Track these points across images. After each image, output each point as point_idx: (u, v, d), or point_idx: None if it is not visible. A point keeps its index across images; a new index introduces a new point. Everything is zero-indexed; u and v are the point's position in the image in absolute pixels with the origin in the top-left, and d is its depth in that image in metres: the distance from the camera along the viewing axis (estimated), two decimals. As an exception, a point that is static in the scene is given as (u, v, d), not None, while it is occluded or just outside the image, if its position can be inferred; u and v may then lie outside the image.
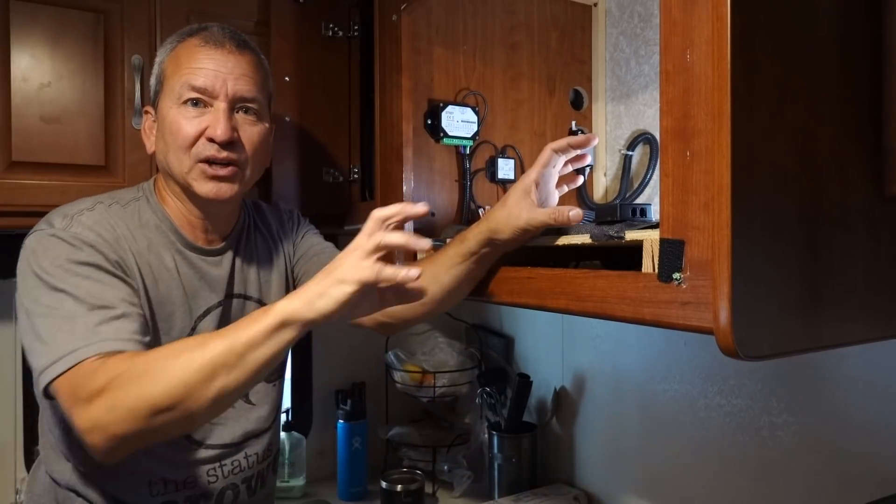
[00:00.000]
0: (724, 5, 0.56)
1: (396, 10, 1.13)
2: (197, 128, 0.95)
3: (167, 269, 0.99)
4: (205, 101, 0.95)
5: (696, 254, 0.60)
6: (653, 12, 1.18)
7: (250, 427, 1.08)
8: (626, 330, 1.35)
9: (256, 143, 0.99)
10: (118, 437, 0.74)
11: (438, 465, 1.67)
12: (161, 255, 0.98)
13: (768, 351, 0.59)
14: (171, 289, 0.98)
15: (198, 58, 0.96)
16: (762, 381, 1.09)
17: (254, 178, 1.03)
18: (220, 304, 1.04)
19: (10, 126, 1.16)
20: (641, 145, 1.21)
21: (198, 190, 0.96)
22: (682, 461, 1.24)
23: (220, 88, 0.95)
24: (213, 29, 0.99)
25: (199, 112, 0.95)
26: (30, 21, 1.18)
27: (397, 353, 1.77)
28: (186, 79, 0.95)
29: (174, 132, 0.95)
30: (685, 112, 0.61)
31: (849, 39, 0.66)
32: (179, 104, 0.95)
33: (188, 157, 0.95)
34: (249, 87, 0.98)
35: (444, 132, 1.14)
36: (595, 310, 0.73)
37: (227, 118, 0.95)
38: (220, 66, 0.96)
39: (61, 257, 0.87)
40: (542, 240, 0.87)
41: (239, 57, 0.98)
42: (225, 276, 1.05)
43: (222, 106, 0.95)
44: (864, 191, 0.67)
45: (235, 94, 0.96)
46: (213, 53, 0.96)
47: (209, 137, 0.94)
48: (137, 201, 1.01)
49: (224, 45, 0.97)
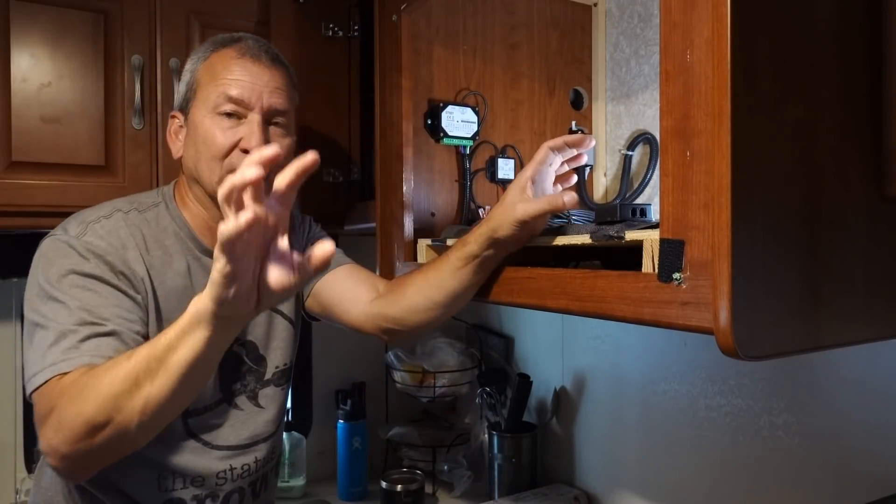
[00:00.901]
0: (724, 5, 0.56)
1: (396, 10, 1.13)
2: (232, 139, 0.96)
3: (181, 277, 0.99)
4: (239, 112, 0.96)
5: (696, 254, 0.60)
6: (653, 12, 1.18)
7: (258, 430, 1.08)
8: (626, 330, 1.35)
9: (286, 155, 0.98)
10: (67, 458, 0.74)
11: (438, 465, 1.68)
12: (176, 263, 0.99)
13: (768, 351, 0.59)
14: (184, 299, 0.97)
15: (234, 69, 0.97)
16: (762, 381, 1.09)
17: None
18: None
19: (10, 126, 1.16)
20: (641, 145, 1.21)
21: None
22: (682, 461, 1.24)
23: (256, 101, 0.96)
24: (248, 41, 1.01)
25: (233, 123, 0.96)
26: (30, 21, 1.18)
27: (397, 353, 1.77)
28: (224, 89, 0.96)
29: (208, 142, 0.96)
30: (685, 112, 0.61)
31: (849, 39, 0.66)
32: (214, 114, 0.96)
33: (220, 168, 0.96)
34: (282, 100, 1.00)
35: (444, 132, 1.14)
36: (595, 310, 0.73)
37: (261, 130, 0.96)
38: (257, 78, 0.97)
39: (66, 266, 0.88)
40: (543, 240, 0.87)
41: (274, 71, 0.99)
42: None
43: (257, 118, 0.96)
44: (864, 191, 0.67)
45: (270, 107, 0.98)
46: (251, 66, 0.98)
47: (244, 149, 0.95)
48: (157, 207, 1.02)
49: (261, 58, 0.99)
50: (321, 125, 1.44)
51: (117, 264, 0.92)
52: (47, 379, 0.79)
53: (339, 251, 1.18)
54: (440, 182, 1.18)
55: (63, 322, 0.84)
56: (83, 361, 0.80)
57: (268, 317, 1.11)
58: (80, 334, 0.83)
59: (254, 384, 1.09)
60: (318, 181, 1.44)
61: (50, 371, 0.80)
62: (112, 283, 0.90)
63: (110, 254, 0.92)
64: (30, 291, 0.90)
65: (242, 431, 1.06)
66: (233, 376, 1.06)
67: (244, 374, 1.08)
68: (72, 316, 0.84)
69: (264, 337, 1.10)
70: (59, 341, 0.82)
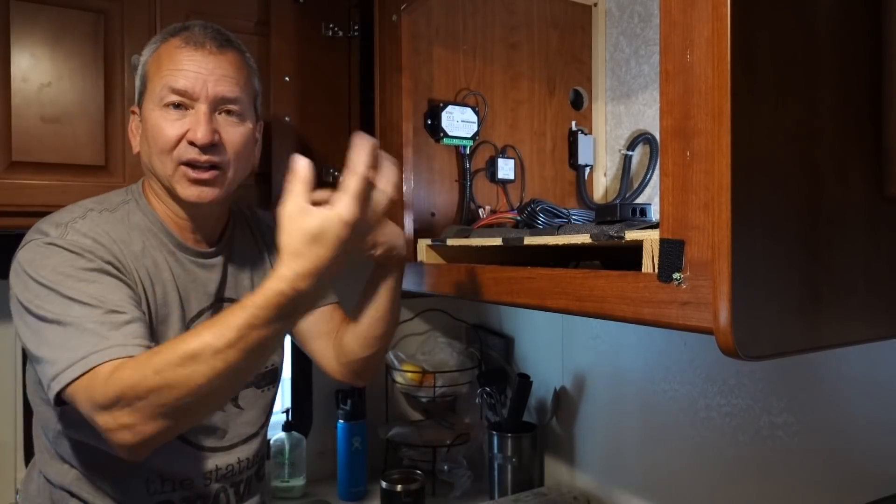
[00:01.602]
0: (724, 5, 0.56)
1: (396, 10, 1.13)
2: (178, 130, 0.94)
3: (162, 270, 0.98)
4: (186, 103, 0.94)
5: (696, 254, 0.60)
6: (653, 12, 1.18)
7: (237, 431, 1.08)
8: (626, 330, 1.35)
9: (239, 144, 0.98)
10: (148, 435, 0.76)
11: (438, 465, 1.67)
12: (155, 257, 0.98)
13: (768, 351, 0.59)
14: (168, 291, 0.98)
15: (178, 59, 0.95)
16: (762, 381, 1.09)
17: (238, 179, 1.01)
18: (212, 307, 1.04)
19: (10, 126, 1.16)
20: (641, 145, 1.21)
21: (181, 193, 0.95)
22: (681, 461, 1.24)
23: (201, 90, 0.94)
24: (194, 29, 0.98)
25: (180, 115, 0.94)
26: (30, 21, 1.18)
27: (397, 353, 1.77)
28: (167, 81, 0.94)
29: (156, 135, 0.95)
30: (685, 112, 0.61)
31: (849, 39, 0.66)
32: (161, 107, 0.95)
33: (170, 161, 0.95)
34: (231, 87, 0.97)
35: (444, 132, 1.14)
36: (595, 310, 0.73)
37: (207, 120, 0.94)
38: (201, 67, 0.95)
39: (64, 264, 0.87)
40: (543, 240, 0.87)
41: (220, 57, 0.97)
42: (216, 280, 1.05)
43: (203, 108, 0.94)
44: (864, 191, 0.67)
45: (216, 96, 0.95)
46: (194, 55, 0.95)
47: (190, 140, 0.93)
48: (126, 204, 1.01)
49: (205, 45, 0.96)
50: (321, 125, 1.43)
51: (109, 258, 0.91)
52: (83, 372, 0.78)
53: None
54: (440, 182, 1.18)
55: (79, 315, 0.83)
56: (116, 352, 0.80)
57: None
58: (103, 324, 0.82)
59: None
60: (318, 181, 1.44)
61: (84, 364, 0.79)
62: (113, 273, 0.89)
63: (99, 249, 0.90)
64: (27, 295, 0.86)
65: (222, 431, 1.05)
66: None
67: None
68: (87, 307, 0.83)
69: None
70: (82, 335, 0.81)
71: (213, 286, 1.04)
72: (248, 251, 1.11)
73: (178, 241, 1.01)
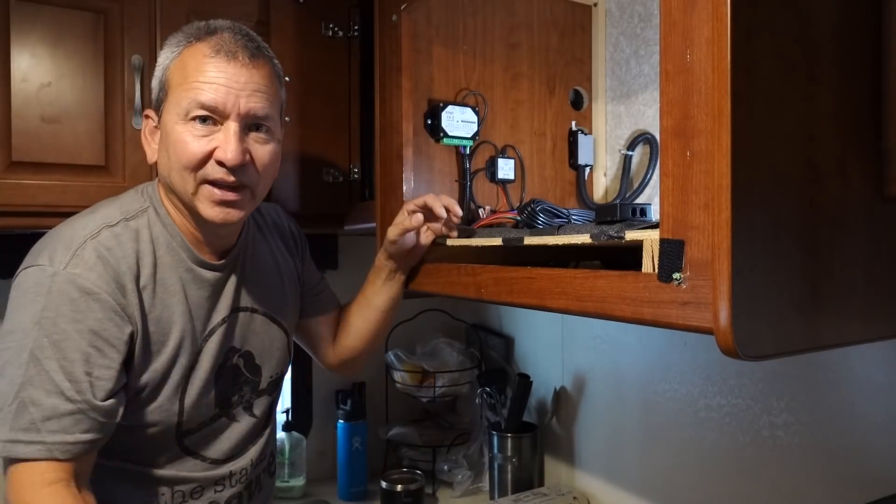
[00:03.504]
0: (724, 5, 0.56)
1: (396, 10, 1.13)
2: (205, 148, 0.87)
3: (172, 294, 0.94)
4: (214, 118, 0.88)
5: (696, 254, 0.60)
6: (653, 12, 1.18)
7: (250, 436, 1.07)
8: (626, 330, 1.35)
9: (268, 163, 0.93)
10: None
11: (438, 465, 1.68)
12: (167, 278, 0.94)
13: (769, 351, 0.59)
14: (175, 314, 0.94)
15: (206, 70, 0.87)
16: (762, 381, 1.09)
17: (263, 196, 0.98)
18: (225, 320, 1.02)
19: (10, 126, 1.16)
20: (641, 145, 1.21)
21: (203, 213, 0.90)
22: (682, 461, 1.24)
23: (232, 107, 0.87)
24: (224, 34, 0.90)
25: (207, 130, 0.88)
26: (30, 21, 1.18)
27: (397, 353, 1.77)
28: (194, 95, 0.86)
29: (179, 151, 0.88)
30: (685, 112, 0.61)
31: (849, 39, 0.66)
32: (186, 120, 0.87)
33: (193, 179, 0.88)
34: (263, 103, 0.90)
35: (444, 132, 1.14)
36: (595, 310, 0.73)
37: (238, 140, 0.87)
38: (232, 81, 0.87)
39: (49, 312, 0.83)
40: (543, 240, 0.87)
41: (252, 70, 0.89)
42: (231, 291, 1.02)
43: (234, 126, 0.87)
44: (864, 191, 0.67)
45: (248, 113, 0.88)
46: (225, 66, 0.87)
47: (218, 160, 0.87)
48: (145, 213, 0.95)
49: (237, 56, 0.88)
50: (321, 125, 1.44)
51: (107, 299, 0.86)
52: (17, 458, 0.81)
53: (328, 286, 1.26)
54: (440, 182, 1.18)
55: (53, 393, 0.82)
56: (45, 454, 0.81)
57: (265, 326, 1.09)
58: (75, 419, 0.82)
59: (249, 395, 1.07)
60: (318, 181, 1.44)
61: (8, 448, 0.81)
62: (98, 330, 0.85)
63: (100, 287, 0.85)
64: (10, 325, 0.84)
65: (237, 441, 1.05)
66: (231, 389, 1.04)
67: (241, 386, 1.05)
68: (60, 391, 0.82)
69: (261, 347, 1.08)
70: (49, 419, 0.82)
71: (228, 298, 1.02)
72: (259, 257, 1.10)
73: (195, 257, 0.97)
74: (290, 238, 1.20)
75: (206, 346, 0.99)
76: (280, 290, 1.12)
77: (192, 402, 0.97)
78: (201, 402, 0.98)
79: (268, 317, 1.09)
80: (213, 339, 1.00)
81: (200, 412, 0.99)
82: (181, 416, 0.96)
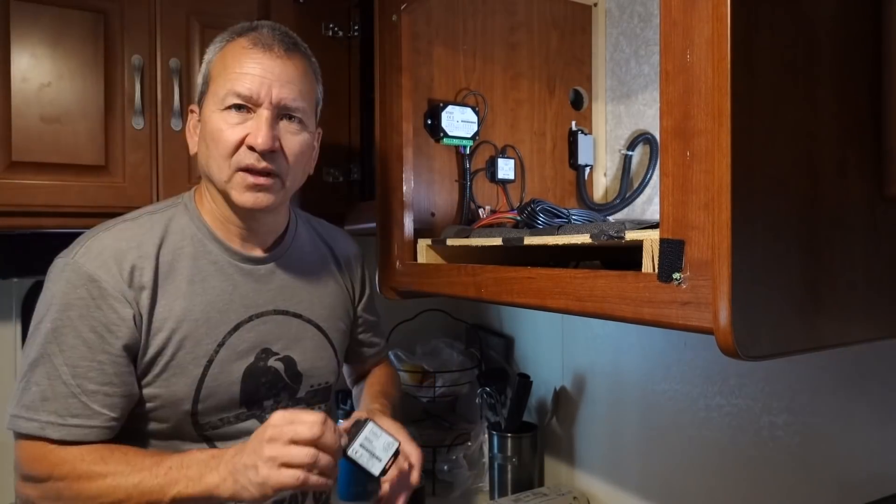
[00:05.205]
0: (724, 5, 0.56)
1: (396, 10, 1.13)
2: (239, 135, 0.91)
3: (191, 283, 0.95)
4: (248, 107, 0.92)
5: (696, 254, 0.60)
6: (653, 12, 1.18)
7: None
8: (626, 330, 1.35)
9: (298, 152, 0.95)
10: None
11: (438, 465, 1.68)
12: (185, 267, 0.96)
13: (768, 351, 0.59)
14: (188, 303, 0.95)
15: (244, 61, 0.92)
16: (762, 381, 1.09)
17: (294, 187, 1.00)
18: (257, 317, 1.01)
19: (10, 126, 1.16)
20: (641, 145, 1.21)
21: (236, 199, 0.93)
22: (682, 461, 1.24)
23: (265, 96, 0.91)
24: (263, 30, 0.95)
25: (241, 118, 0.92)
26: (30, 21, 1.18)
27: (397, 353, 1.77)
28: (231, 84, 0.91)
29: (216, 139, 0.92)
30: (685, 112, 0.61)
31: (849, 39, 0.66)
32: (222, 109, 0.92)
33: (228, 166, 0.92)
34: (294, 94, 0.94)
35: (444, 132, 1.14)
36: (595, 310, 0.73)
37: (269, 126, 0.91)
38: (267, 71, 0.92)
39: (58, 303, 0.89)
40: (543, 240, 0.87)
41: (287, 62, 0.94)
42: (266, 289, 1.02)
43: (265, 114, 0.91)
44: (864, 191, 0.67)
45: (280, 102, 0.92)
46: (261, 57, 0.92)
47: (250, 145, 0.91)
48: (174, 207, 0.99)
49: (272, 48, 0.93)
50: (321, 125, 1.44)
51: (108, 286, 0.89)
52: (36, 436, 0.87)
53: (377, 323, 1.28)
54: (440, 182, 1.18)
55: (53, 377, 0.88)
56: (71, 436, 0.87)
57: (310, 333, 1.07)
58: (68, 403, 0.87)
59: (286, 402, 1.04)
60: (318, 181, 1.44)
61: (39, 429, 0.87)
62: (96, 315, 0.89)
63: (101, 275, 0.89)
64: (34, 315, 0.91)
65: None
66: (266, 392, 1.02)
67: (279, 391, 1.03)
68: (58, 375, 0.88)
69: (305, 355, 1.06)
70: (46, 400, 0.87)
71: (262, 296, 1.01)
72: (307, 263, 1.09)
73: (225, 247, 0.99)
74: (355, 261, 1.20)
75: (229, 340, 0.98)
76: (330, 302, 1.11)
77: (209, 393, 0.96)
78: (220, 395, 0.97)
79: (313, 324, 1.08)
80: (240, 336, 0.99)
81: (221, 406, 0.98)
82: (195, 404, 0.95)
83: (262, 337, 1.01)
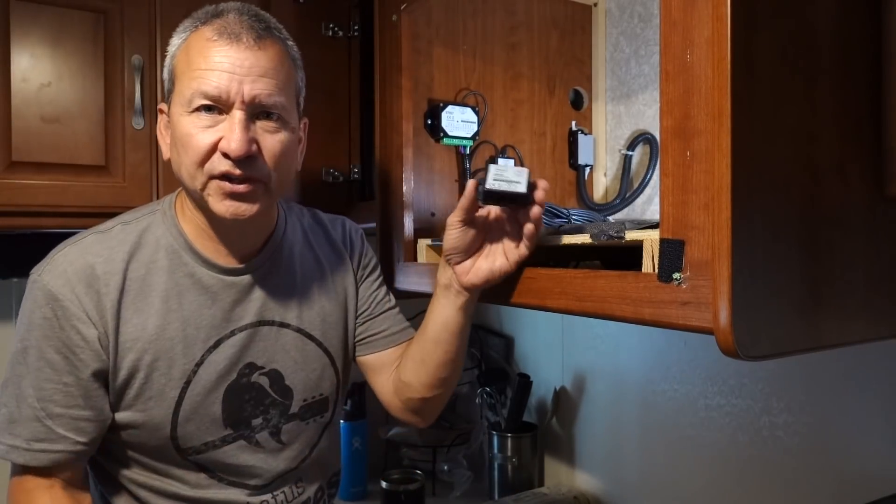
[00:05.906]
0: (724, 5, 0.56)
1: (396, 10, 1.13)
2: (210, 139, 0.81)
3: (163, 300, 0.88)
4: (219, 108, 0.82)
5: (696, 254, 0.60)
6: (653, 12, 1.18)
7: (279, 468, 0.97)
8: (626, 330, 1.35)
9: (279, 154, 0.85)
10: None
11: (438, 465, 1.68)
12: (159, 282, 0.88)
13: (768, 351, 0.59)
14: (160, 321, 0.87)
15: (209, 55, 0.81)
16: (762, 381, 1.09)
17: (282, 189, 0.89)
18: (240, 330, 0.92)
19: (10, 126, 1.16)
20: (641, 145, 1.21)
21: (214, 209, 0.83)
22: (682, 461, 1.24)
23: (236, 94, 0.80)
24: (229, 16, 0.84)
25: (212, 120, 0.81)
26: (30, 21, 1.18)
27: (397, 353, 1.77)
28: (197, 84, 0.81)
29: (185, 145, 0.82)
30: (685, 112, 0.61)
31: (849, 40, 0.66)
32: (190, 111, 0.82)
33: (201, 174, 0.82)
34: (270, 89, 0.83)
35: (444, 132, 1.14)
36: (595, 310, 0.73)
37: (243, 129, 0.81)
38: (236, 65, 0.81)
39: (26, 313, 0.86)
40: (543, 239, 0.87)
41: (258, 52, 0.82)
42: (249, 300, 0.93)
43: (238, 115, 0.81)
44: (864, 191, 0.67)
45: (254, 100, 0.82)
46: (228, 50, 0.81)
47: (223, 152, 0.81)
48: (152, 215, 0.91)
49: (241, 37, 0.82)
50: (321, 125, 1.44)
51: (70, 305, 0.83)
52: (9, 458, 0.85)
53: (392, 300, 1.09)
54: (440, 182, 1.18)
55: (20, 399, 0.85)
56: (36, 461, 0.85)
57: (299, 343, 0.98)
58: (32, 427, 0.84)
59: (277, 419, 0.96)
60: (318, 181, 1.44)
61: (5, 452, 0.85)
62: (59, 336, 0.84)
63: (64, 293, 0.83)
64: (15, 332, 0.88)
65: (270, 468, 0.96)
66: (252, 410, 0.94)
67: (268, 408, 0.95)
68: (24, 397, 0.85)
69: (293, 366, 0.97)
70: (14, 422, 0.85)
71: (245, 308, 0.93)
72: (298, 267, 0.99)
73: (203, 258, 0.90)
74: (348, 248, 1.07)
75: (209, 359, 0.90)
76: (324, 305, 1.01)
77: (187, 416, 0.89)
78: (201, 418, 0.90)
79: (303, 333, 0.98)
80: (221, 352, 0.91)
81: (203, 429, 0.90)
82: (174, 429, 0.89)
83: (244, 351, 0.92)
